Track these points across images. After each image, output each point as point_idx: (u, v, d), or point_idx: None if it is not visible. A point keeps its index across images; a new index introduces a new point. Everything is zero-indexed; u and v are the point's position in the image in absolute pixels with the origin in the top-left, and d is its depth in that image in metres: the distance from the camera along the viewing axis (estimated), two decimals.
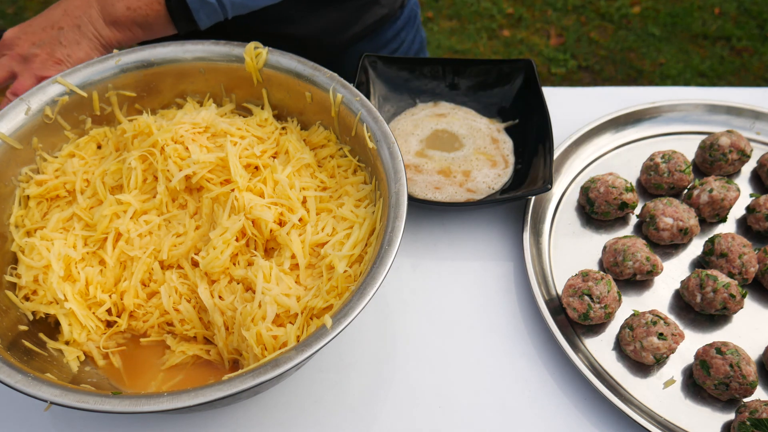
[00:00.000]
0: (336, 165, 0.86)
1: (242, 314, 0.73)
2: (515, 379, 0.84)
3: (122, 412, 0.59)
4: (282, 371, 0.61)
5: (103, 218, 0.78)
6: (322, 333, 0.63)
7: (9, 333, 0.70)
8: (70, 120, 0.84)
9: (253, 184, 0.80)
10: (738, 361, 0.78)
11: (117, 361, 0.78)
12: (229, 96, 0.91)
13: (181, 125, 0.81)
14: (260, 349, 0.70)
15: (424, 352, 0.86)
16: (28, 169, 0.81)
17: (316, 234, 0.77)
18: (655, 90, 1.19)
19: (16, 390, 0.61)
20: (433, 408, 0.81)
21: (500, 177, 1.01)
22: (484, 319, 0.89)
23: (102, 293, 0.77)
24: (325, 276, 0.74)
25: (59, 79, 0.81)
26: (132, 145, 0.83)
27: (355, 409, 0.81)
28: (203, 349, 0.79)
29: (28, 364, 0.66)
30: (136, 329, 0.79)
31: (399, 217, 0.71)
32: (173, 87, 0.89)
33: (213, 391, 0.60)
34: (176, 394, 0.60)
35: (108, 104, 0.86)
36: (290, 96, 0.88)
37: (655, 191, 1.00)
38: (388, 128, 0.79)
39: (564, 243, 0.96)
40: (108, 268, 0.78)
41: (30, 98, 0.80)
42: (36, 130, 0.81)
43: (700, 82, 2.59)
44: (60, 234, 0.78)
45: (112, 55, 0.85)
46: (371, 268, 0.68)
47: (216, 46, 0.86)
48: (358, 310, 0.64)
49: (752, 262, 0.88)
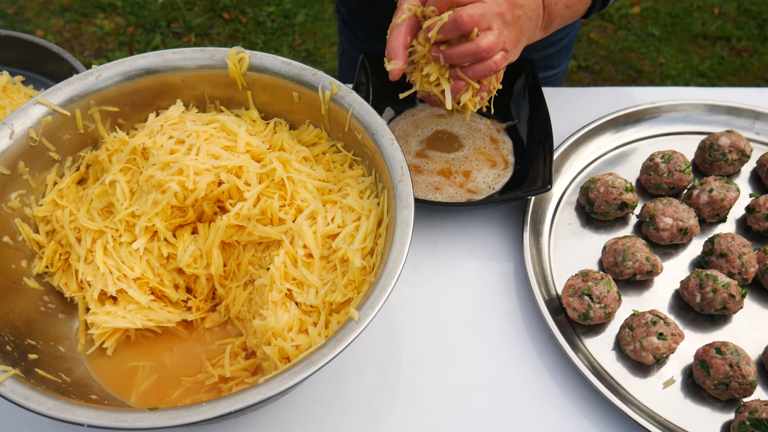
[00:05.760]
0: (331, 160, 0.86)
1: (260, 329, 0.73)
2: (515, 379, 0.84)
3: (163, 427, 0.58)
4: (317, 368, 0.61)
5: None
6: (351, 327, 0.63)
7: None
8: (54, 141, 0.81)
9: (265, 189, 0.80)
10: (738, 361, 0.78)
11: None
12: (214, 103, 0.89)
13: (154, 122, 0.81)
14: (284, 361, 0.70)
15: (424, 352, 0.86)
16: (16, 195, 0.79)
17: (327, 225, 0.77)
18: (655, 90, 1.19)
19: (50, 417, 0.60)
20: (433, 407, 0.81)
21: (500, 177, 1.01)
22: (484, 319, 0.89)
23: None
24: (339, 270, 0.74)
25: (41, 100, 0.79)
26: (111, 163, 0.82)
27: (355, 409, 0.81)
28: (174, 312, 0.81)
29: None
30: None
31: (408, 206, 0.71)
32: (156, 98, 0.87)
33: (252, 395, 0.59)
34: (216, 402, 0.59)
35: (91, 121, 0.84)
36: (277, 97, 0.87)
37: (655, 191, 1.00)
38: (382, 120, 0.78)
39: (564, 243, 0.97)
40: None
41: (13, 121, 0.77)
42: (22, 154, 0.78)
43: (700, 82, 2.59)
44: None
45: (92, 71, 0.82)
46: (387, 259, 0.68)
47: (196, 53, 0.84)
48: (381, 301, 0.64)
49: (752, 262, 0.88)
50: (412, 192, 0.72)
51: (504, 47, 0.82)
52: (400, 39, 0.82)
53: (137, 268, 0.78)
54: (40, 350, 0.73)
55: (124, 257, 0.78)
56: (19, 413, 0.79)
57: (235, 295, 0.82)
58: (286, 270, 0.75)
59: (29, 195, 0.80)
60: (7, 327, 0.71)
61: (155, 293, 0.81)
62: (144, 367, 0.79)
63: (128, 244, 0.79)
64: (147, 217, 0.77)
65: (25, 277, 0.79)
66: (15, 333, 0.72)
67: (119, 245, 0.79)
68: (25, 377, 0.64)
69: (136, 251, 0.79)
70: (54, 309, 0.80)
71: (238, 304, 0.81)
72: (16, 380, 0.62)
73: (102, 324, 0.77)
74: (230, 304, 0.82)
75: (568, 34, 1.28)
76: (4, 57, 1.11)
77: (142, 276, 0.79)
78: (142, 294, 0.79)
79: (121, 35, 2.72)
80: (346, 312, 0.70)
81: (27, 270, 0.80)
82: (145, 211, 0.78)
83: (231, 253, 0.82)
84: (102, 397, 0.74)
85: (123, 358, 0.80)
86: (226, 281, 0.83)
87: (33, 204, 0.81)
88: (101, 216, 0.80)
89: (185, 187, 0.77)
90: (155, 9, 2.81)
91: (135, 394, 0.77)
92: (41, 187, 0.82)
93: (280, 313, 0.72)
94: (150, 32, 2.73)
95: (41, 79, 1.12)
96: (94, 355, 0.79)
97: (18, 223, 0.79)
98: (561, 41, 1.27)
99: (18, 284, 0.78)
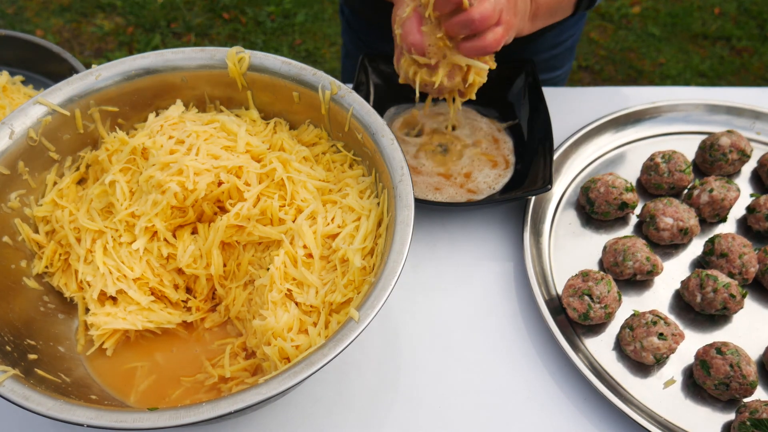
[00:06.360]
0: (331, 160, 0.86)
1: (260, 330, 0.73)
2: (515, 378, 0.84)
3: (163, 427, 0.58)
4: (317, 368, 0.60)
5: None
6: (351, 327, 0.63)
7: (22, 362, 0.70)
8: (54, 140, 0.81)
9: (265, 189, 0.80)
10: (738, 361, 0.78)
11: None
12: (214, 103, 0.89)
13: (154, 122, 0.81)
14: (283, 361, 0.70)
15: (424, 352, 0.86)
16: (16, 195, 0.79)
17: (327, 225, 0.77)
18: (655, 90, 1.19)
19: (50, 417, 0.60)
20: (433, 407, 0.81)
21: (501, 177, 1.01)
22: (484, 319, 0.89)
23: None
24: (339, 270, 0.74)
25: (41, 100, 0.79)
26: (110, 163, 0.82)
27: (355, 409, 0.81)
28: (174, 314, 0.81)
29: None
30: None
31: (408, 206, 0.71)
32: (156, 98, 0.87)
33: (252, 395, 0.59)
34: (216, 402, 0.59)
35: (91, 121, 0.84)
36: (277, 97, 0.87)
37: (655, 191, 1.00)
38: (382, 120, 0.78)
39: (564, 243, 0.96)
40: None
41: (12, 121, 0.77)
42: (21, 154, 0.78)
43: (700, 82, 2.59)
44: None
45: (92, 71, 0.82)
46: (387, 259, 0.68)
47: (196, 53, 0.84)
48: (381, 301, 0.64)
49: (752, 262, 0.88)
50: (412, 192, 0.72)
51: (501, 19, 0.79)
52: (414, 26, 0.80)
53: (137, 268, 0.78)
54: (40, 350, 0.73)
55: (124, 257, 0.78)
56: (19, 413, 0.79)
57: (235, 295, 0.82)
58: (286, 270, 0.75)
59: (29, 195, 0.80)
60: (6, 327, 0.71)
61: (155, 293, 0.81)
62: (143, 367, 0.79)
63: (128, 245, 0.79)
64: (147, 217, 0.77)
65: (25, 277, 0.79)
66: (15, 333, 0.72)
67: (119, 245, 0.79)
68: (24, 377, 0.64)
69: (135, 251, 0.79)
70: (54, 309, 0.80)
71: (238, 304, 0.81)
72: (15, 380, 0.62)
73: (102, 325, 0.77)
74: (230, 305, 0.82)
75: (572, 35, 1.28)
76: (3, 57, 1.11)
77: (142, 276, 0.79)
78: (142, 294, 0.79)
79: (120, 35, 2.71)
80: (346, 312, 0.70)
81: (27, 270, 0.80)
82: (145, 212, 0.77)
83: (231, 253, 0.82)
84: (101, 397, 0.73)
85: (122, 358, 0.80)
86: (226, 281, 0.83)
87: (33, 204, 0.81)
88: (101, 216, 0.80)
89: (185, 188, 0.76)
90: (155, 9, 2.81)
91: (134, 394, 0.77)
92: (41, 187, 0.82)
93: (280, 313, 0.72)
94: (150, 32, 2.73)
95: (41, 79, 1.12)
96: (93, 356, 0.79)
97: (18, 223, 0.79)
98: (565, 42, 1.27)
99: (18, 284, 0.78)
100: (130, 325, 0.78)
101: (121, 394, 0.77)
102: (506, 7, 0.79)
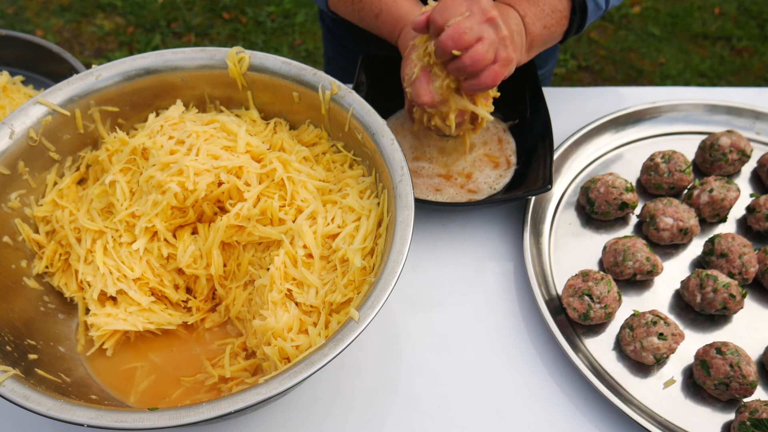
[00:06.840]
0: (331, 160, 0.86)
1: (260, 330, 0.73)
2: (515, 378, 0.84)
3: (163, 427, 0.58)
4: (317, 368, 0.61)
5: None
6: (351, 327, 0.63)
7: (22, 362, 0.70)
8: (54, 141, 0.81)
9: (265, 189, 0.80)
10: (738, 361, 0.78)
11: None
12: (214, 103, 0.89)
13: (154, 122, 0.81)
14: (284, 362, 0.70)
15: (424, 351, 0.86)
16: (16, 195, 0.79)
17: (327, 225, 0.77)
18: (655, 90, 1.19)
19: (50, 418, 0.60)
20: (433, 407, 0.81)
21: (502, 177, 1.01)
22: (484, 319, 0.89)
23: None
24: (339, 270, 0.74)
25: (41, 100, 0.79)
26: (110, 163, 0.82)
27: (355, 409, 0.81)
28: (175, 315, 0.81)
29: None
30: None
31: (408, 206, 0.71)
32: (156, 98, 0.87)
33: (252, 395, 0.59)
34: (216, 402, 0.59)
35: (91, 121, 0.84)
36: (277, 97, 0.87)
37: (655, 191, 1.00)
38: (382, 120, 0.78)
39: (564, 243, 0.96)
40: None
41: (13, 121, 0.77)
42: (22, 154, 0.78)
43: (700, 82, 2.59)
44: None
45: (92, 71, 0.82)
46: (387, 259, 0.68)
47: (196, 53, 0.84)
48: (381, 301, 0.64)
49: (752, 262, 0.88)
50: (413, 192, 0.72)
51: (497, 57, 0.83)
52: (424, 86, 0.86)
53: (137, 268, 0.78)
54: (40, 350, 0.73)
55: (124, 257, 0.78)
56: (19, 413, 0.79)
57: (235, 295, 0.82)
58: (286, 270, 0.75)
59: (29, 195, 0.80)
60: (7, 327, 0.71)
61: (155, 294, 0.81)
62: (143, 367, 0.79)
63: (128, 245, 0.79)
64: (147, 217, 0.77)
65: (25, 277, 0.79)
66: (15, 333, 0.72)
67: (119, 245, 0.79)
68: (24, 377, 0.64)
69: (136, 252, 0.79)
70: (54, 309, 0.80)
71: (238, 304, 0.81)
72: (15, 380, 0.62)
73: (102, 326, 0.77)
74: (230, 305, 0.82)
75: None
76: (3, 57, 1.11)
77: (142, 276, 0.79)
78: (142, 295, 0.79)
79: (120, 35, 2.71)
80: (346, 312, 0.70)
81: (27, 270, 0.80)
82: (145, 212, 0.77)
83: (231, 254, 0.82)
84: (102, 397, 0.74)
85: (122, 358, 0.80)
86: (226, 281, 0.83)
87: (33, 204, 0.81)
88: (101, 216, 0.80)
89: (185, 188, 0.77)
90: (155, 9, 2.81)
91: (134, 394, 0.77)
92: (41, 187, 0.82)
93: (280, 313, 0.72)
94: (150, 32, 2.73)
95: (41, 79, 1.12)
96: (93, 356, 0.79)
97: (18, 223, 0.79)
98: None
99: (18, 284, 0.78)
100: (131, 326, 0.78)
101: (121, 394, 0.77)
102: (501, 45, 0.83)
